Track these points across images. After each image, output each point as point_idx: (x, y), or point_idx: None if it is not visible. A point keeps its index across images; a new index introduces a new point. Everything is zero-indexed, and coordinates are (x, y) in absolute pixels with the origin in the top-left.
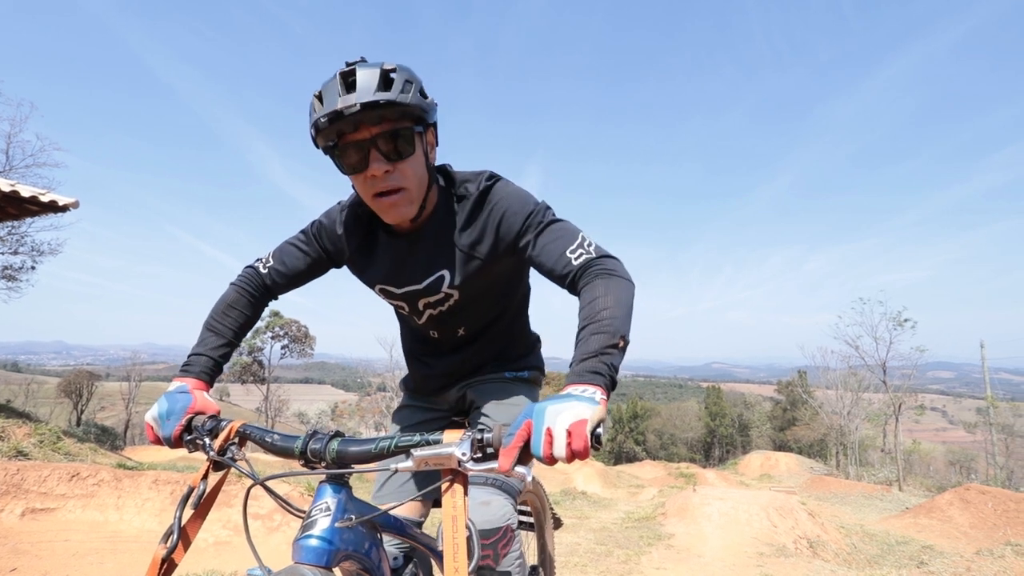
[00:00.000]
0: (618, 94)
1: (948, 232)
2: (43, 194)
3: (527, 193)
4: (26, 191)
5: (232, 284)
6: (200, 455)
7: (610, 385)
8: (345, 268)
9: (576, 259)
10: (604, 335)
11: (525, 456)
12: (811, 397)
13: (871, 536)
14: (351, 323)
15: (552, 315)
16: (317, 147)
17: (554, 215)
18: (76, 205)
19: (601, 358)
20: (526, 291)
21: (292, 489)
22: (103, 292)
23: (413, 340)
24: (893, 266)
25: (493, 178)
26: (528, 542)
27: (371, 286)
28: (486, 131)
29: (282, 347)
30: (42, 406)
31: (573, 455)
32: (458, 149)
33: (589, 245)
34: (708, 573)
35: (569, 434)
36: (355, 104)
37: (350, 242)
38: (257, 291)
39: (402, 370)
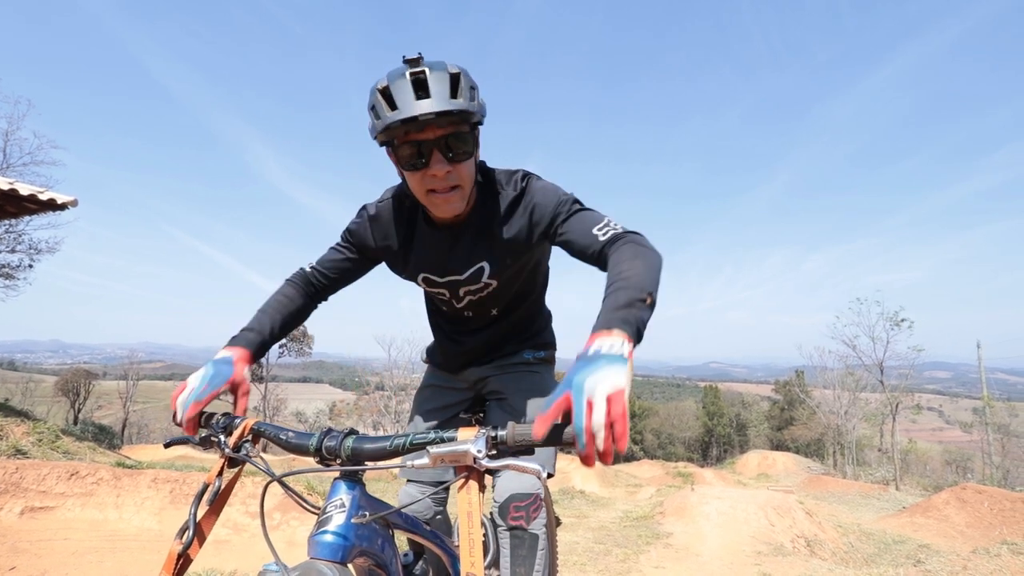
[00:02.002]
0: (617, 94)
1: (947, 232)
2: (41, 192)
3: (558, 187)
4: (24, 189)
5: (284, 280)
6: (201, 453)
7: (636, 336)
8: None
9: (603, 235)
10: (631, 290)
11: (556, 434)
12: (808, 397)
13: (868, 535)
14: (349, 322)
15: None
16: (374, 138)
17: (582, 204)
18: (75, 203)
19: (630, 309)
20: (547, 272)
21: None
22: (101, 291)
23: (446, 320)
24: (892, 266)
25: (527, 176)
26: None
27: (414, 276)
28: (483, 131)
29: (280, 346)
30: (39, 405)
31: (612, 423)
32: None
33: (617, 225)
34: (706, 572)
35: (609, 401)
36: (431, 113)
37: (398, 235)
38: (305, 287)
39: (400, 369)
